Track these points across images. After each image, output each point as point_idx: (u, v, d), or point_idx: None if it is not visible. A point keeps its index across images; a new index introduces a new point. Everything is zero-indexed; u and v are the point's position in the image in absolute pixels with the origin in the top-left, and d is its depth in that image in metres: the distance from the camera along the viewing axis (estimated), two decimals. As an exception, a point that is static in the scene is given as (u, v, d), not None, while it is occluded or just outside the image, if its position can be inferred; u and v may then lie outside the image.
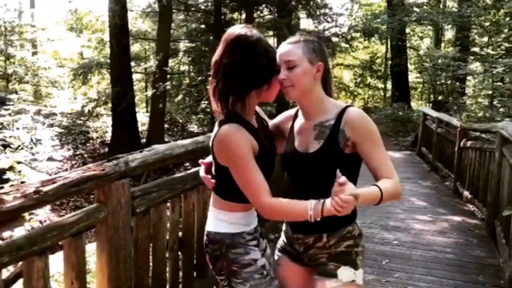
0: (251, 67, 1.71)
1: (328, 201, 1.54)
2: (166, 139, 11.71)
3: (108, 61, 11.75)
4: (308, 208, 1.60)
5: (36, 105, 13.42)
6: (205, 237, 1.97)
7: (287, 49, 1.78)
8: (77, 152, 10.40)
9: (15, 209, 1.80)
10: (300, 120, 1.93)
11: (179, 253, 3.05)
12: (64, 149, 10.38)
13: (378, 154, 1.72)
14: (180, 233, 3.07)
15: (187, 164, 9.37)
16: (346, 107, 1.79)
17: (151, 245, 2.74)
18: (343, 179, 1.47)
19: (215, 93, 1.77)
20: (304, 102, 1.83)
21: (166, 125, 12.77)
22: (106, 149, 10.84)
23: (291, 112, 2.05)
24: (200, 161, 2.08)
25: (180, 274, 3.07)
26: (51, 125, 11.16)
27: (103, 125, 12.32)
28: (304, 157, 1.82)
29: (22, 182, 3.95)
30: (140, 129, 12.04)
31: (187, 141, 3.14)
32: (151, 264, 2.75)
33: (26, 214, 2.43)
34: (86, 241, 2.37)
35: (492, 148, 5.15)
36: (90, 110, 11.85)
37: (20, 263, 1.94)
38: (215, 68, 1.76)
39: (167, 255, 2.90)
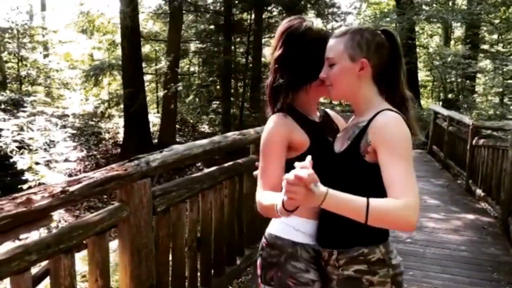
0: (299, 58, 1.63)
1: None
2: (177, 140, 11.79)
3: (120, 62, 11.86)
4: (275, 203, 1.40)
5: (50, 107, 13.58)
6: (263, 239, 1.75)
7: (330, 44, 1.59)
8: (90, 153, 10.52)
9: (43, 209, 1.85)
10: (351, 119, 1.74)
11: (198, 251, 3.11)
12: (77, 150, 10.51)
13: (394, 168, 1.38)
14: (198, 232, 3.13)
15: (199, 164, 9.43)
16: (383, 110, 1.50)
17: (171, 243, 2.81)
18: (305, 162, 1.25)
19: (267, 89, 1.70)
20: (351, 100, 1.63)
21: (177, 126, 12.85)
22: (119, 150, 10.95)
23: None
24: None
25: (198, 272, 3.13)
26: (64, 127, 11.28)
27: (115, 126, 12.43)
28: (332, 157, 1.60)
29: (40, 184, 4.03)
30: (151, 129, 12.14)
31: (205, 141, 3.20)
32: (171, 262, 2.81)
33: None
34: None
35: (505, 146, 5.14)
36: (102, 111, 11.96)
37: (47, 261, 1.99)
38: (271, 63, 1.73)
39: (186, 253, 2.96)
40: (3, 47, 12.02)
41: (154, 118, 13.48)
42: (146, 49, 14.90)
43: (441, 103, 14.68)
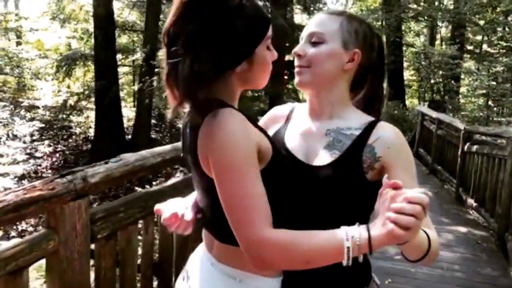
0: (219, 35, 1.05)
1: (374, 223, 0.96)
2: (153, 136, 11.23)
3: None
4: (343, 238, 0.96)
5: (19, 98, 12.88)
6: None
7: (320, 19, 1.27)
8: (58, 148, 9.88)
9: None
10: (301, 122, 1.35)
11: (154, 279, 2.63)
12: (44, 145, 9.86)
13: None
14: (155, 257, 2.64)
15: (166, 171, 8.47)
16: (378, 120, 1.27)
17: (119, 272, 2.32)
18: (398, 181, 0.93)
19: (171, 78, 1.09)
20: (319, 96, 1.29)
21: (153, 121, 12.25)
22: (89, 146, 10.34)
23: (282, 109, 1.46)
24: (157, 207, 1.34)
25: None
26: (32, 119, 10.62)
27: (87, 120, 11.78)
28: (306, 170, 1.23)
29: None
30: (126, 124, 11.52)
31: (166, 147, 2.66)
32: (118, 296, 2.32)
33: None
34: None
35: (502, 154, 4.75)
36: (72, 104, 11.30)
37: None
38: (166, 40, 1.09)
39: (140, 282, 2.47)
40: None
41: (130, 113, 12.85)
42: (123, 39, 14.21)
43: (427, 103, 14.37)
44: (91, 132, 11.05)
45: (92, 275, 2.16)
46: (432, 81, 15.71)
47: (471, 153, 6.09)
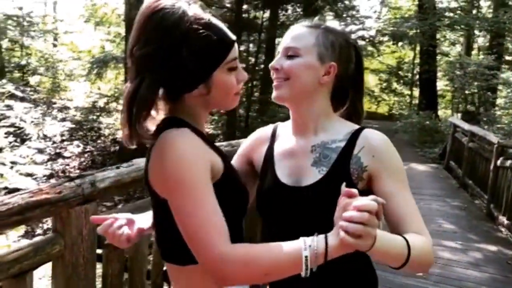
0: (166, 60, 1.06)
1: (331, 232, 0.96)
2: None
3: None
4: (301, 247, 0.96)
5: (52, 98, 13.20)
6: None
7: (297, 32, 1.27)
8: (87, 149, 10.05)
9: None
10: (286, 140, 1.34)
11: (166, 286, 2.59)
12: (73, 145, 10.05)
13: (406, 198, 1.16)
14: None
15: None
16: (363, 127, 1.26)
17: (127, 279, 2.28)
18: (353, 190, 0.92)
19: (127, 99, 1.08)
20: (300, 111, 1.28)
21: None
22: (117, 147, 10.47)
23: (264, 131, 1.45)
24: (93, 217, 1.32)
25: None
26: (64, 120, 10.84)
27: (116, 122, 11.95)
28: (295, 193, 1.23)
29: (5, 188, 3.53)
30: (154, 127, 11.60)
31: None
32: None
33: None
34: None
35: (538, 171, 4.52)
36: (101, 106, 11.47)
37: None
38: (130, 63, 1.11)
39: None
40: (4, 34, 11.61)
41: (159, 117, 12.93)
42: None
43: (460, 115, 13.96)
44: (120, 134, 11.21)
45: (99, 281, 2.14)
46: (467, 91, 15.26)
47: (504, 168, 5.83)
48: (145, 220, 1.32)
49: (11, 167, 3.66)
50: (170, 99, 1.13)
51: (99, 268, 2.12)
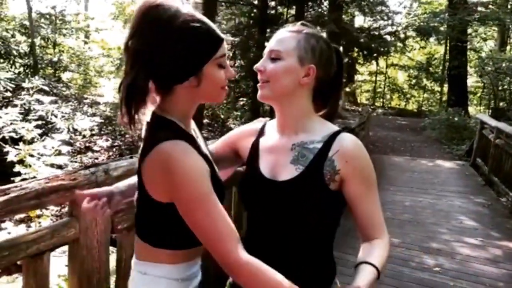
0: (161, 52, 1.15)
1: None
2: (205, 134, 11.45)
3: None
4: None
5: (83, 94, 13.59)
6: None
7: (281, 36, 1.36)
8: (115, 143, 10.33)
9: None
10: (271, 137, 1.45)
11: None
12: (102, 139, 10.35)
13: (372, 205, 1.31)
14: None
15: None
16: (340, 131, 1.35)
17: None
18: None
19: (121, 91, 1.18)
20: (282, 110, 1.38)
21: (206, 120, 12.50)
22: (144, 142, 10.70)
23: (255, 125, 1.56)
24: (77, 192, 1.41)
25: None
26: (94, 115, 11.16)
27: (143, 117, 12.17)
28: (272, 186, 1.33)
29: (34, 177, 3.71)
30: (180, 123, 11.81)
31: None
32: None
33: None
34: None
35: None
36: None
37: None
38: (125, 56, 1.20)
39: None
40: (38, 32, 12.04)
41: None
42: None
43: (490, 111, 13.64)
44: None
45: (113, 264, 2.27)
46: (499, 88, 14.88)
47: (529, 165, 5.72)
48: (123, 188, 1.46)
49: (38, 158, 3.86)
50: (162, 89, 1.22)
51: (114, 253, 2.25)
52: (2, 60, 11.17)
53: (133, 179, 1.41)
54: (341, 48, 1.48)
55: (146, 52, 1.15)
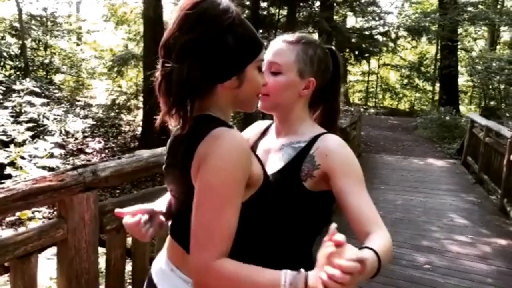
0: (209, 48, 1.11)
1: (312, 273, 0.97)
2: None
3: (145, 54, 11.55)
4: (281, 280, 0.99)
5: (75, 96, 13.54)
6: None
7: (278, 47, 1.37)
8: (108, 145, 10.32)
9: None
10: (269, 138, 1.49)
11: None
12: (95, 141, 10.33)
13: (361, 196, 1.22)
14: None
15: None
16: (325, 133, 1.36)
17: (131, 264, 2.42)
18: (340, 236, 0.88)
19: (163, 87, 1.14)
20: (280, 117, 1.44)
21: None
22: (137, 143, 10.71)
23: (262, 124, 1.58)
24: (117, 210, 1.34)
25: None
26: (86, 117, 11.14)
27: (136, 119, 12.22)
28: None
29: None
30: (173, 124, 11.81)
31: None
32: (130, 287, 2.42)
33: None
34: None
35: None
36: (121, 103, 11.72)
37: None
38: (163, 52, 1.14)
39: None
40: (28, 34, 11.98)
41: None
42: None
43: (480, 110, 13.75)
44: (139, 131, 11.46)
45: (102, 264, 2.28)
46: (490, 87, 15.00)
47: (517, 163, 5.79)
48: (162, 208, 1.37)
49: (30, 161, 3.85)
50: (205, 87, 1.15)
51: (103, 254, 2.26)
52: (-8, 63, 11.15)
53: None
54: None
55: (196, 45, 1.10)
